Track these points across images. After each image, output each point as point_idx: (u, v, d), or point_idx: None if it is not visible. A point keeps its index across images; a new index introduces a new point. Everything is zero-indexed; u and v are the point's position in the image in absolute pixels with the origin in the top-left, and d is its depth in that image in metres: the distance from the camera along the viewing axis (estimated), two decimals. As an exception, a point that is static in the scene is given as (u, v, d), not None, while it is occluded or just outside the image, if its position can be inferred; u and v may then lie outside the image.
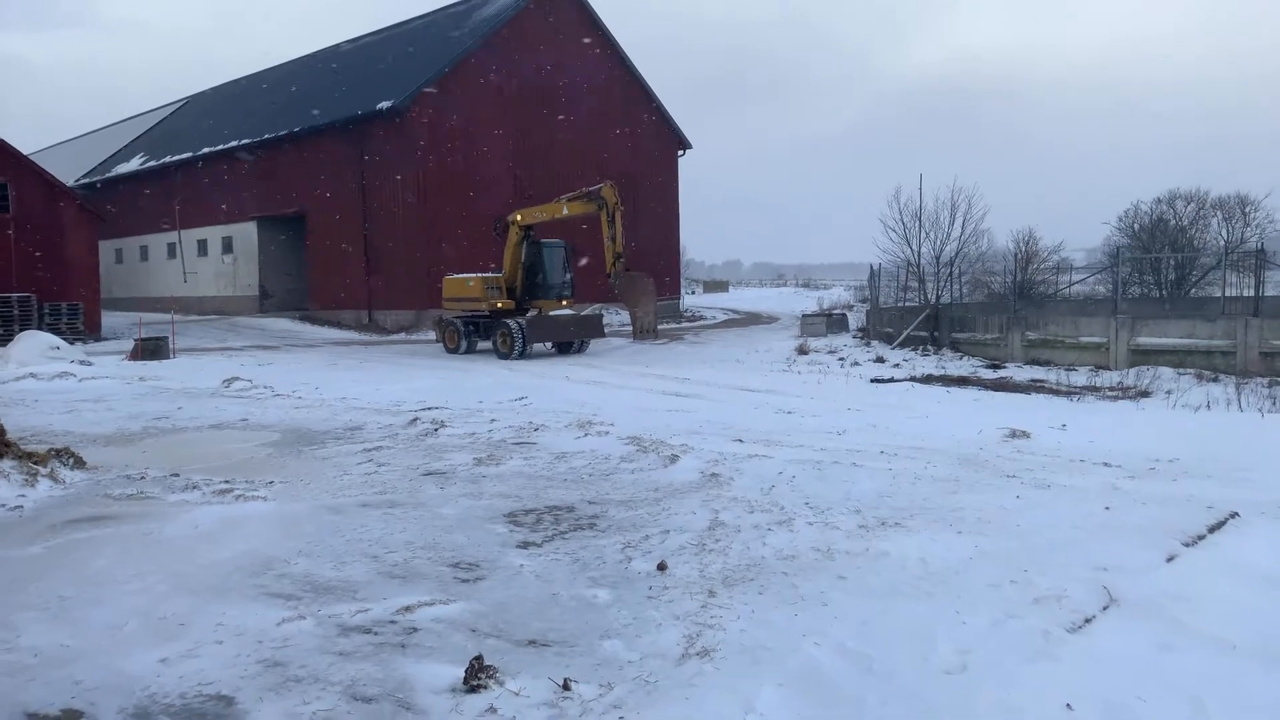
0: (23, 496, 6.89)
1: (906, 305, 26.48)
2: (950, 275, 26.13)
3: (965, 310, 24.47)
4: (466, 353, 22.97)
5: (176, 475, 7.75)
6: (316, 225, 33.73)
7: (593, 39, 35.14)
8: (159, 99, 68.41)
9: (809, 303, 42.75)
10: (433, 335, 26.77)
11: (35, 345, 19.44)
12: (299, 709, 3.54)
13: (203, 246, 39.01)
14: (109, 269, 39.44)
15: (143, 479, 7.64)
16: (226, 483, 7.44)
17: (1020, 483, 7.41)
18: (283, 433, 10.54)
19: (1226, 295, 22.11)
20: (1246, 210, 30.05)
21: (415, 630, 4.35)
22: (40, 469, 7.37)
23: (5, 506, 6.67)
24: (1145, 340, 18.15)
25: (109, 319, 30.89)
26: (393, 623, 4.43)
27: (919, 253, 27.60)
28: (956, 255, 26.95)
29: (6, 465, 7.20)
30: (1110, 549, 5.46)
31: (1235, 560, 5.36)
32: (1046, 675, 3.83)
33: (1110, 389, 15.52)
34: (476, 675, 3.69)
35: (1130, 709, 3.54)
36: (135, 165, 42.94)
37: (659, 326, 26.50)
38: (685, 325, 34.90)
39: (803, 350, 22.76)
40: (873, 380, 16.96)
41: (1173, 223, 30.78)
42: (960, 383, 16.45)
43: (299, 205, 34.12)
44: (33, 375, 16.55)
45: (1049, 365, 18.80)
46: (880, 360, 20.87)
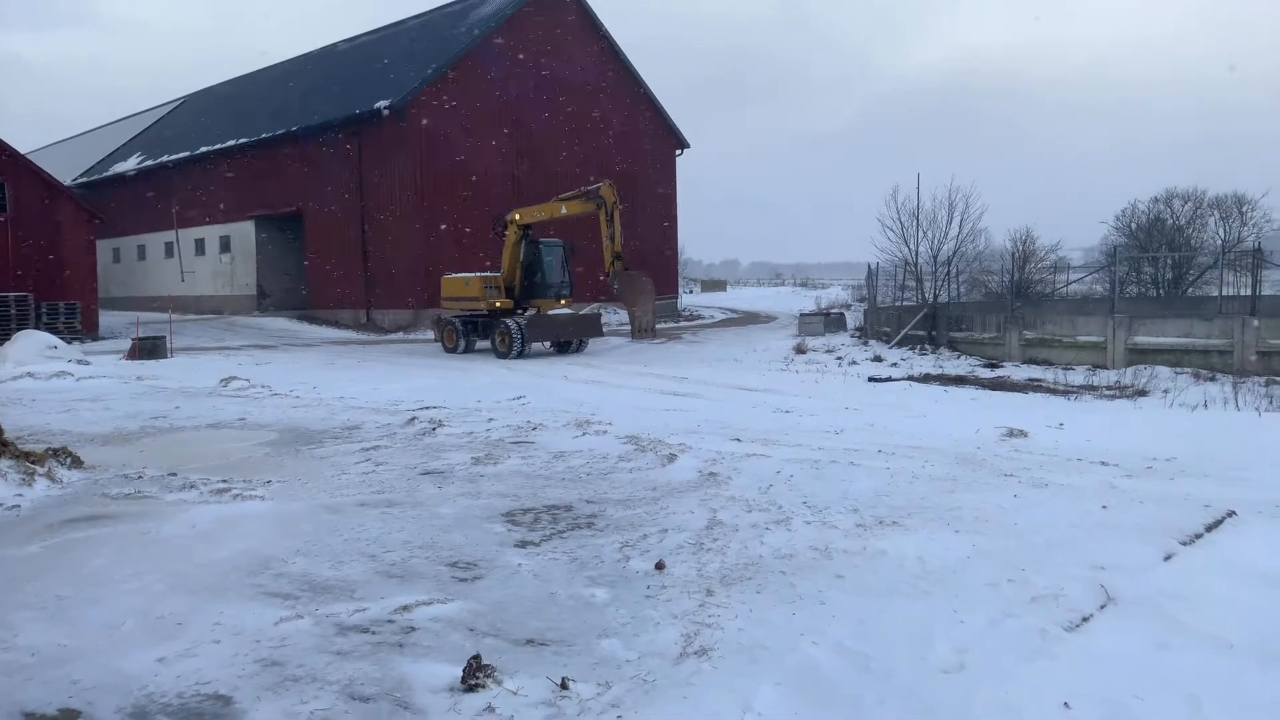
0: (20, 496, 6.88)
1: (904, 304, 26.51)
2: (948, 274, 26.16)
3: (963, 309, 24.50)
4: (465, 352, 22.96)
5: (174, 474, 7.74)
6: (314, 224, 33.70)
7: (590, 38, 35.14)
8: (157, 98, 68.34)
9: (807, 302, 42.79)
10: (430, 335, 26.77)
11: (33, 345, 19.41)
12: (297, 708, 3.54)
13: (200, 246, 38.96)
14: (106, 268, 39.38)
15: (140, 478, 7.63)
16: (224, 482, 7.44)
17: (1018, 482, 7.42)
18: (280, 432, 10.54)
19: (1224, 295, 22.14)
20: (1244, 209, 30.11)
21: (413, 629, 4.34)
22: (38, 468, 7.36)
23: (3, 506, 6.66)
24: (1143, 339, 18.18)
25: (106, 318, 30.86)
26: (390, 622, 4.43)
27: (917, 252, 27.70)
28: (954, 254, 27.02)
29: (4, 465, 7.20)
30: (1108, 548, 5.47)
31: (1232, 559, 5.36)
32: (1044, 674, 3.84)
33: (1108, 388, 15.54)
34: (474, 674, 3.69)
35: (1128, 708, 3.55)
36: (133, 164, 42.89)
37: (657, 326, 26.50)
38: (683, 324, 34.92)
39: (800, 349, 22.78)
40: (870, 379, 16.97)
41: (1170, 222, 30.83)
42: (958, 382, 16.47)
43: (296, 204, 34.09)
44: (30, 375, 16.54)
45: (1046, 364, 18.83)
46: (878, 359, 20.89)
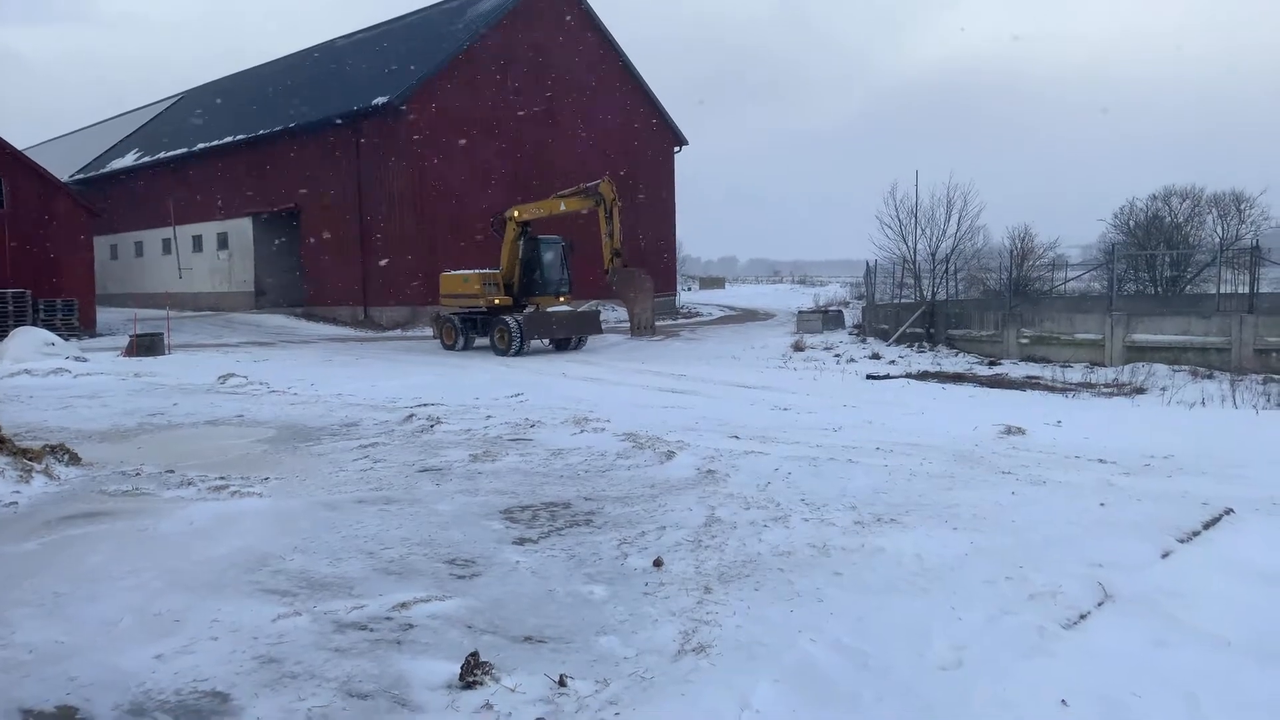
0: (17, 493, 6.87)
1: (902, 302, 26.52)
2: (946, 272, 26.17)
3: (961, 307, 24.51)
4: (464, 349, 22.96)
5: (172, 471, 7.74)
6: (312, 221, 33.66)
7: (589, 34, 35.11)
8: (154, 94, 68.24)
9: (805, 299, 42.83)
10: (428, 332, 26.75)
11: (30, 341, 19.38)
12: (294, 705, 3.54)
13: (198, 242, 38.91)
14: (104, 265, 39.35)
15: (138, 475, 7.63)
16: (222, 479, 7.43)
17: (1016, 479, 7.42)
18: (278, 429, 10.53)
19: (1221, 292, 22.18)
20: (1242, 207, 30.19)
21: (411, 626, 4.34)
22: (35, 465, 7.35)
23: (0, 503, 6.66)
24: (1141, 337, 18.20)
25: (104, 315, 30.82)
26: (388, 619, 4.43)
27: (915, 249, 27.69)
28: (952, 252, 27.01)
29: (1, 462, 7.19)
30: (1105, 545, 5.47)
31: (1230, 556, 5.36)
32: (1042, 671, 3.84)
33: (1105, 385, 15.56)
34: (472, 671, 3.69)
35: (1125, 705, 3.55)
36: (130, 161, 42.83)
37: (655, 323, 26.51)
38: (681, 322, 34.91)
39: (799, 347, 22.78)
40: (868, 377, 16.97)
41: (1168, 219, 30.87)
42: (956, 379, 16.48)
43: (294, 201, 34.04)
44: (27, 371, 16.53)
45: (1044, 362, 18.85)
46: (876, 357, 20.90)
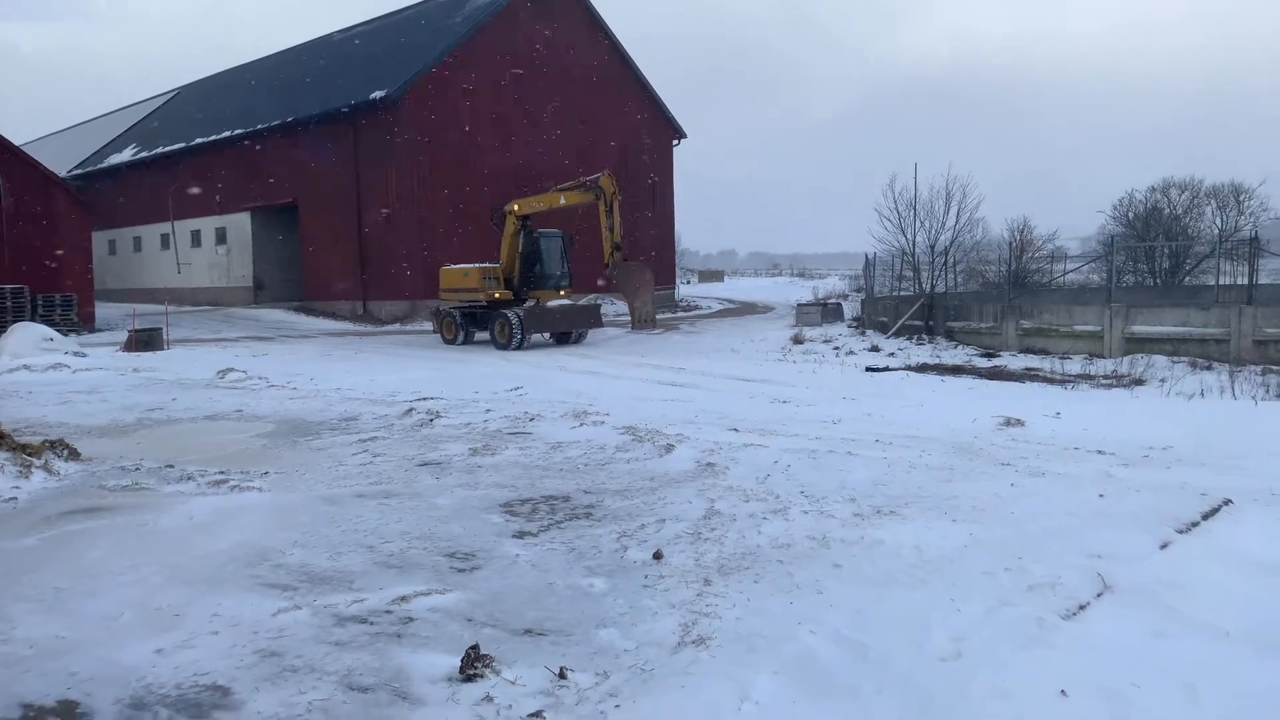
0: (17, 488, 6.87)
1: (901, 294, 26.49)
2: (945, 264, 26.13)
3: (960, 299, 24.48)
4: (464, 343, 22.94)
5: (171, 466, 7.74)
6: (310, 216, 33.61)
7: (587, 28, 35.03)
8: (151, 89, 68.07)
9: (804, 292, 42.77)
10: (427, 326, 26.73)
11: (29, 337, 19.39)
12: (295, 699, 3.54)
13: (196, 237, 38.86)
14: (102, 260, 39.28)
15: (137, 470, 7.63)
16: (221, 474, 7.44)
17: (1015, 471, 7.43)
18: (278, 424, 10.53)
19: (1220, 283, 22.18)
20: (1240, 198, 30.15)
21: (411, 620, 4.35)
22: (34, 460, 7.35)
23: (0, 498, 6.66)
24: (1139, 328, 18.20)
25: (103, 310, 30.79)
26: (389, 612, 4.43)
27: (914, 242, 27.64)
28: (951, 244, 26.96)
29: (1, 457, 7.19)
30: (1104, 536, 5.48)
31: (1229, 547, 5.37)
32: (1041, 662, 3.84)
33: (1104, 377, 15.56)
34: (473, 664, 3.70)
35: (1124, 696, 3.56)
36: (128, 156, 42.73)
37: (656, 316, 26.50)
38: (681, 315, 34.90)
39: (798, 339, 22.77)
40: (868, 369, 16.98)
41: (1167, 211, 30.84)
42: (955, 371, 16.49)
43: (292, 196, 33.99)
44: (26, 367, 16.53)
45: (1044, 354, 18.84)
46: (875, 349, 20.89)
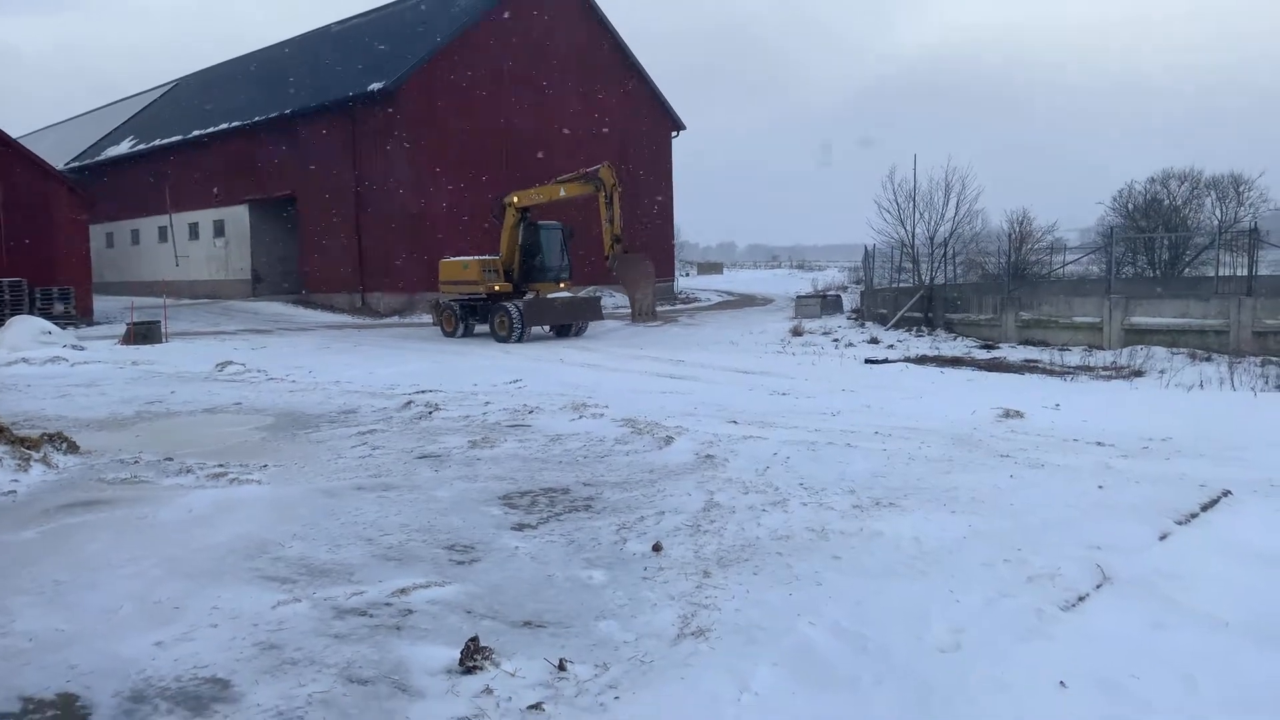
0: (16, 481, 6.87)
1: (901, 286, 26.48)
2: (944, 256, 26.10)
3: (959, 291, 24.47)
4: (464, 336, 22.91)
5: (170, 459, 7.74)
6: (308, 208, 33.54)
7: (585, 19, 34.90)
8: (148, 82, 67.90)
9: (803, 284, 42.69)
10: (426, 319, 26.69)
11: (27, 330, 19.35)
12: (295, 691, 3.54)
13: (194, 230, 38.79)
14: (100, 253, 39.21)
15: (136, 463, 7.62)
16: (220, 466, 7.43)
17: (1014, 462, 7.43)
18: (276, 416, 10.52)
19: (1220, 275, 22.16)
20: (1240, 190, 30.11)
21: (411, 612, 4.35)
22: (33, 454, 7.34)
23: (-2, 491, 6.65)
24: (1139, 320, 18.19)
25: (101, 303, 30.73)
26: (388, 605, 4.44)
27: (913, 233, 27.61)
28: (951, 236, 26.93)
29: (-1, 450, 7.18)
30: (1103, 528, 5.48)
31: (1228, 538, 5.38)
32: (1040, 653, 3.85)
33: (1104, 369, 15.56)
34: (472, 656, 3.70)
35: (1124, 687, 3.56)
36: (125, 148, 42.63)
37: (656, 308, 26.51)
38: (680, 307, 34.86)
39: (797, 332, 22.76)
40: (867, 361, 16.97)
41: (1167, 202, 30.80)
42: (954, 363, 16.48)
43: (290, 188, 33.91)
44: (24, 360, 16.50)
45: (1043, 345, 18.84)
46: (874, 341, 20.89)
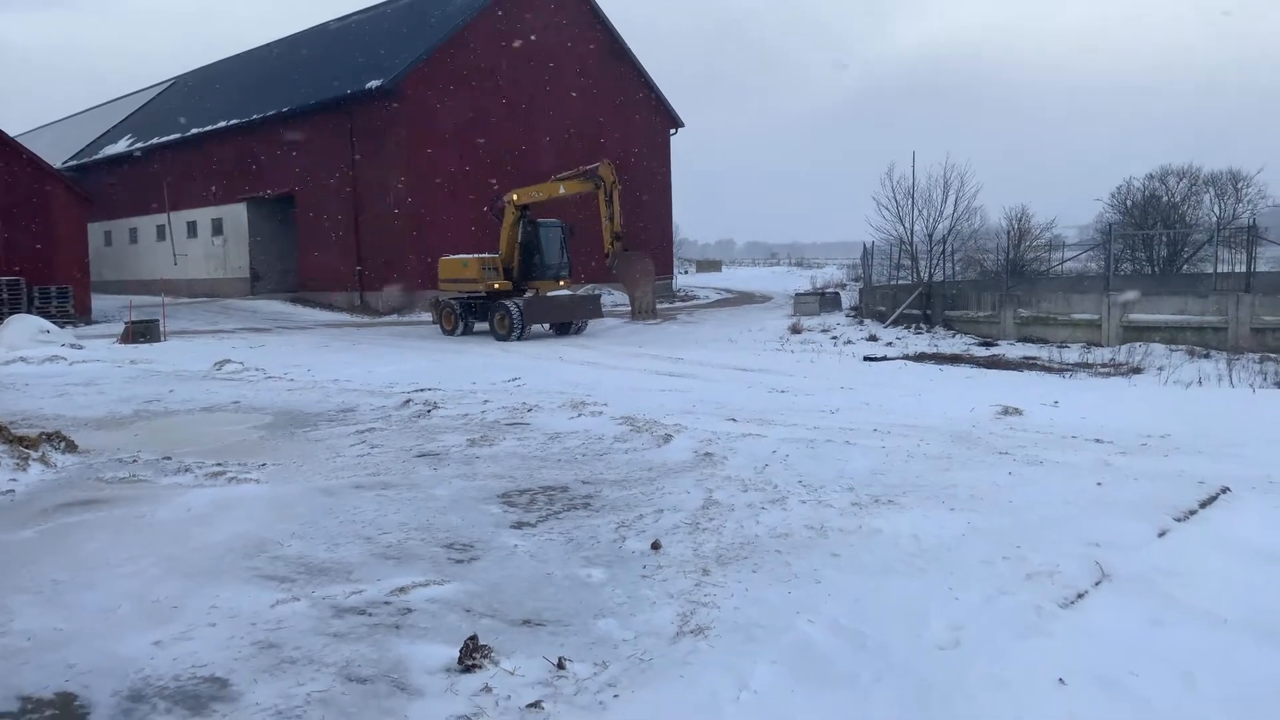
0: (14, 480, 6.86)
1: (899, 283, 26.47)
2: (943, 253, 26.08)
3: (958, 288, 24.48)
4: (463, 334, 22.89)
5: (169, 458, 7.72)
6: (306, 206, 33.50)
7: (583, 16, 34.86)
8: (146, 80, 67.76)
9: (802, 282, 42.69)
10: (424, 317, 26.67)
11: (25, 329, 19.34)
12: (293, 690, 3.54)
13: (192, 228, 38.75)
14: (98, 251, 39.16)
15: (135, 462, 7.61)
16: (219, 465, 7.42)
17: (1013, 459, 7.44)
18: (275, 415, 10.52)
19: (1218, 271, 22.17)
20: (1239, 186, 30.12)
21: (410, 611, 4.35)
22: (31, 453, 7.34)
23: (-4, 491, 6.64)
24: (1137, 317, 18.20)
25: (99, 302, 30.71)
26: (387, 604, 4.43)
27: (912, 231, 27.55)
28: (949, 233, 26.88)
29: (-3, 449, 7.17)
30: (1102, 525, 5.49)
31: (1226, 535, 5.38)
32: (1039, 650, 3.85)
33: (1102, 366, 15.57)
34: (471, 655, 3.70)
35: (1122, 684, 3.56)
36: (123, 147, 42.56)
37: (656, 306, 26.52)
38: (679, 305, 34.84)
39: (796, 329, 22.76)
40: (865, 358, 16.99)
41: (1165, 199, 30.81)
42: (953, 360, 16.49)
43: (289, 186, 33.86)
44: (22, 359, 16.49)
45: (1042, 342, 18.84)
46: (873, 338, 20.90)
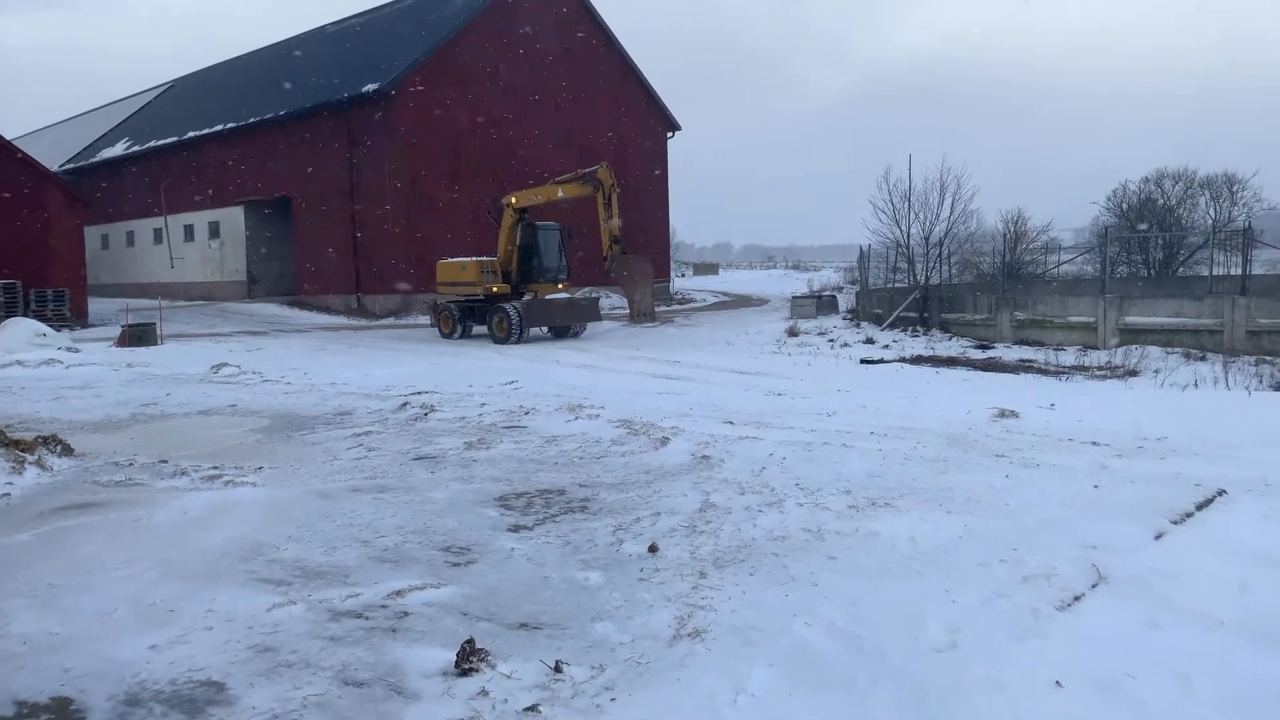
0: (10, 484, 6.85)
1: (896, 286, 26.50)
2: (939, 256, 26.11)
3: (954, 291, 24.49)
4: (462, 337, 22.87)
5: (165, 462, 7.72)
6: (303, 210, 33.49)
7: (581, 20, 34.90)
8: (145, 82, 67.72)
9: (799, 285, 42.73)
10: (422, 320, 26.67)
11: (21, 332, 19.32)
12: (290, 694, 3.54)
13: (189, 232, 38.72)
14: (95, 255, 39.13)
15: (131, 465, 7.61)
16: (215, 468, 7.41)
17: (1009, 462, 7.44)
18: (272, 418, 10.51)
19: (1214, 274, 22.19)
20: (1234, 189, 30.19)
21: (406, 614, 4.34)
22: (28, 456, 7.32)
23: (-8, 494, 6.63)
24: (1133, 319, 18.22)
25: (96, 305, 30.65)
26: (384, 607, 4.43)
27: (908, 234, 27.61)
28: (946, 236, 26.94)
29: (-7, 453, 7.16)
30: (1099, 527, 5.49)
31: (1223, 538, 5.39)
32: (1036, 653, 3.85)
33: (1098, 368, 15.59)
34: (468, 658, 3.69)
35: (1119, 686, 3.57)
36: (120, 150, 42.54)
37: (655, 309, 26.53)
38: (675, 308, 34.86)
39: (792, 332, 22.77)
40: (862, 361, 16.99)
41: (1161, 202, 30.86)
42: (949, 363, 16.50)
43: (286, 190, 33.86)
44: (19, 362, 16.45)
45: (1038, 345, 18.86)
46: (870, 341, 20.90)
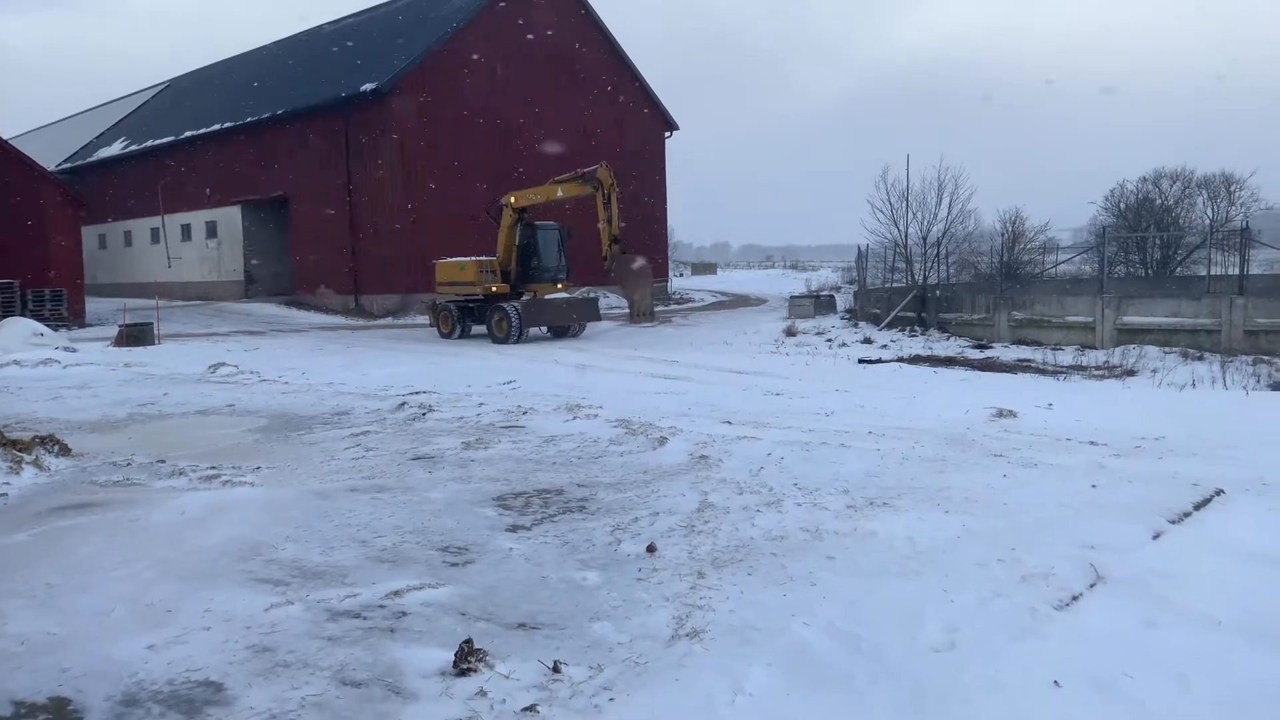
0: (7, 484, 6.84)
1: (894, 286, 26.50)
2: (937, 256, 26.12)
3: (952, 290, 24.49)
4: (461, 337, 22.86)
5: (163, 461, 7.71)
6: (301, 209, 33.47)
7: (578, 19, 34.87)
8: (144, 82, 67.69)
9: (797, 284, 42.73)
10: (420, 320, 26.66)
11: (19, 332, 19.31)
12: (288, 694, 3.53)
13: (187, 231, 38.69)
14: (92, 255, 39.09)
15: (129, 465, 7.60)
16: (213, 468, 7.41)
17: (1007, 462, 7.44)
18: (269, 418, 10.50)
19: (1211, 274, 22.20)
20: (1232, 189, 30.21)
21: (404, 614, 4.34)
22: (25, 456, 7.32)
23: (-11, 494, 6.62)
24: (1131, 319, 18.24)
25: (93, 305, 30.62)
26: (382, 607, 4.42)
27: (906, 233, 27.62)
28: (944, 236, 26.95)
29: (-10, 453, 7.15)
30: (1097, 527, 5.50)
31: (1221, 537, 5.39)
32: (1034, 653, 3.85)
33: (1096, 368, 15.60)
34: (466, 658, 3.69)
35: (1117, 686, 3.57)
36: (117, 150, 42.49)
37: (654, 309, 26.54)
38: (674, 308, 34.86)
39: (790, 332, 22.77)
40: (860, 361, 16.99)
41: (1158, 202, 30.88)
42: (947, 363, 16.51)
43: (283, 189, 33.83)
44: (16, 362, 16.43)
45: (1036, 345, 18.88)
46: (868, 341, 20.91)
